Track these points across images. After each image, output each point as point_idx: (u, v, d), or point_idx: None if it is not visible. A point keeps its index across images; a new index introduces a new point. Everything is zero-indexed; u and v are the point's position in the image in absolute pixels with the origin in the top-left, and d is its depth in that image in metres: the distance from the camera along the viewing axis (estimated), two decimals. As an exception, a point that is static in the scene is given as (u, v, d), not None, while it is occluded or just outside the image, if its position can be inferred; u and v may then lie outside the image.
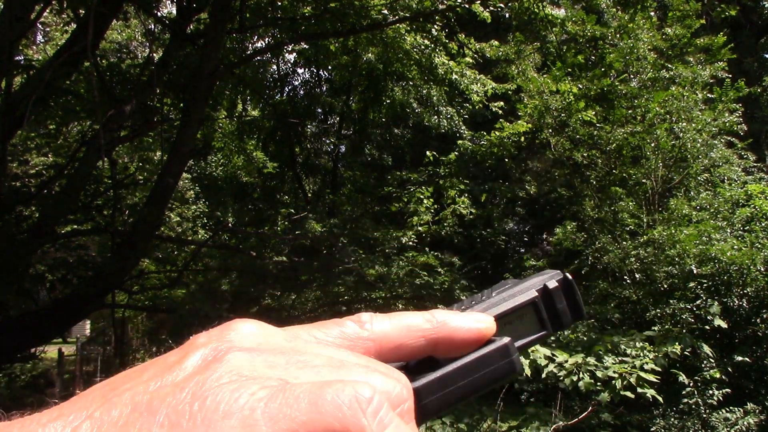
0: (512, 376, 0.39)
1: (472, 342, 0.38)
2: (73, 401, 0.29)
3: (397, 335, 0.37)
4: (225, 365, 0.28)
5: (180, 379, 0.28)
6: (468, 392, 0.37)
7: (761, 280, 7.54)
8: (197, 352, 0.30)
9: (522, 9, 9.01)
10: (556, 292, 0.46)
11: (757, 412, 6.56)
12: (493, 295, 0.46)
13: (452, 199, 11.25)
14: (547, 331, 0.46)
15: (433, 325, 0.37)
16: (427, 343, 0.37)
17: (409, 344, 0.37)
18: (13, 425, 0.28)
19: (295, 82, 15.91)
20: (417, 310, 0.39)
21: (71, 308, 7.15)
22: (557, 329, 0.46)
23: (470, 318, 0.39)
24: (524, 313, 0.45)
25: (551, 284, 0.46)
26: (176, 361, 0.30)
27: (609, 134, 9.75)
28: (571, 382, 5.48)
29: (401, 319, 0.38)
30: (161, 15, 10.64)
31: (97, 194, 8.45)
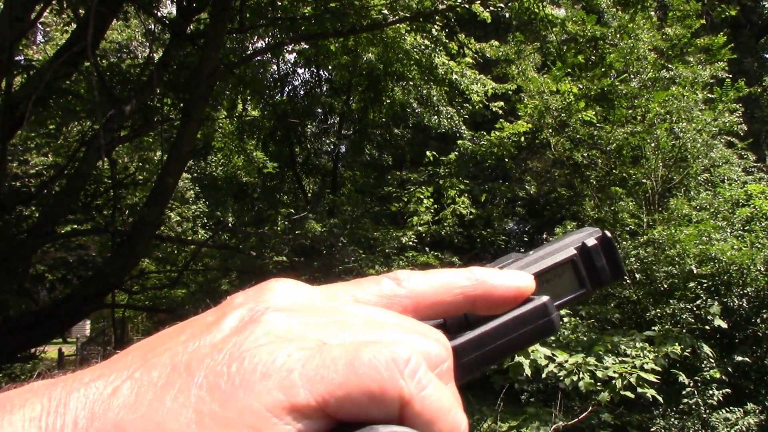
0: (551, 334, 0.39)
1: (511, 300, 0.38)
2: (113, 360, 0.30)
3: (435, 292, 0.36)
4: (262, 326, 0.28)
5: (218, 339, 0.28)
6: (506, 351, 0.37)
7: (761, 280, 7.54)
8: (234, 312, 0.30)
9: (522, 9, 9.01)
10: (594, 250, 0.46)
11: (757, 412, 6.56)
12: (531, 253, 0.45)
13: (452, 199, 11.25)
14: (586, 289, 0.45)
15: (472, 282, 0.37)
16: (466, 300, 0.37)
17: (447, 301, 0.36)
18: (57, 383, 0.28)
19: (295, 82, 15.92)
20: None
21: (71, 308, 7.15)
22: (596, 287, 0.46)
23: (510, 275, 0.38)
24: (563, 271, 0.45)
25: (590, 242, 0.46)
26: (213, 321, 0.30)
27: (609, 134, 9.75)
28: (571, 382, 5.48)
29: (439, 276, 0.37)
30: (161, 15, 10.64)
31: (97, 194, 8.45)
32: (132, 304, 11.94)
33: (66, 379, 0.28)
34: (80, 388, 0.27)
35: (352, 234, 10.70)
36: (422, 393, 0.27)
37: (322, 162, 15.77)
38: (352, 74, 12.57)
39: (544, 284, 0.43)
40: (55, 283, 7.89)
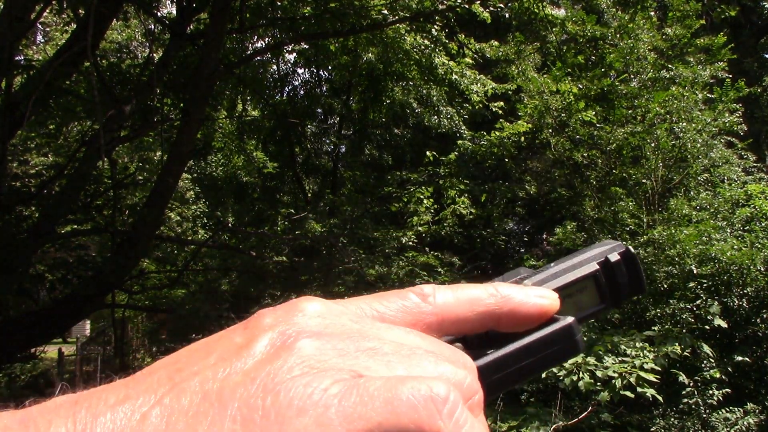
0: (575, 356, 0.39)
1: (535, 318, 0.37)
2: (138, 380, 0.28)
3: (460, 309, 0.36)
4: (295, 355, 0.28)
5: (249, 367, 0.28)
6: (529, 372, 0.37)
7: (761, 280, 7.55)
8: (264, 336, 0.29)
9: (522, 9, 9.01)
10: (617, 266, 0.45)
11: (757, 412, 6.56)
12: (552, 265, 0.45)
13: (452, 199, 11.26)
14: (606, 305, 0.45)
15: (497, 300, 0.37)
16: (490, 318, 0.37)
17: (472, 319, 0.36)
18: (81, 403, 0.27)
19: (295, 82, 15.91)
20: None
21: (71, 308, 7.15)
22: (616, 303, 0.46)
23: (535, 293, 0.38)
24: (585, 286, 0.45)
25: (613, 257, 0.45)
26: (243, 344, 0.29)
27: (609, 134, 9.76)
28: (570, 382, 5.48)
29: (465, 292, 0.37)
30: (161, 15, 10.64)
31: (97, 194, 8.45)
32: (132, 304, 11.94)
33: (89, 397, 0.27)
34: (107, 412, 0.26)
35: (352, 234, 10.71)
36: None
37: (322, 162, 15.77)
38: (352, 74, 12.57)
39: (566, 299, 0.43)
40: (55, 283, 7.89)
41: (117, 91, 8.04)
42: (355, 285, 10.11)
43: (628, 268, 0.46)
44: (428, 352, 0.30)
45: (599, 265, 0.45)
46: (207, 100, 7.64)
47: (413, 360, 0.29)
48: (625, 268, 0.46)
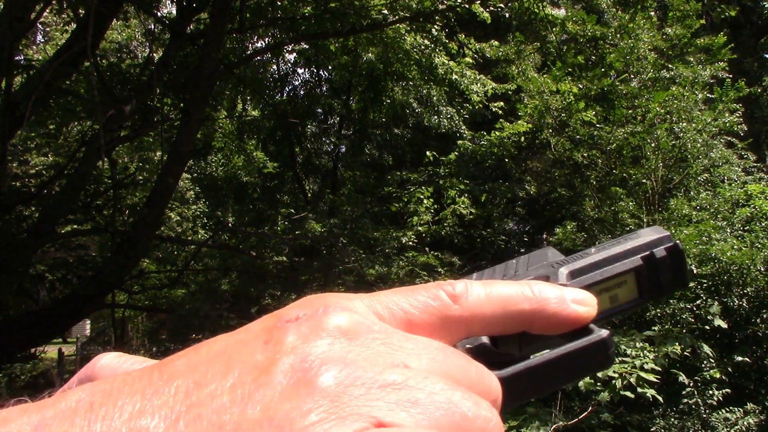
0: (605, 369, 0.38)
1: (570, 325, 0.36)
2: (156, 389, 0.27)
3: (492, 312, 0.34)
4: (315, 394, 0.26)
5: (267, 401, 0.26)
6: (557, 383, 0.36)
7: (761, 280, 7.54)
8: (285, 360, 0.27)
9: (522, 9, 9.01)
10: (662, 262, 0.43)
11: (757, 412, 6.56)
12: (592, 251, 0.43)
13: (452, 199, 11.26)
14: (644, 300, 0.43)
15: (532, 304, 0.35)
16: (523, 322, 0.35)
17: (503, 321, 0.35)
18: (96, 411, 0.26)
19: (295, 82, 15.91)
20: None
21: (71, 308, 7.15)
22: (654, 297, 0.43)
23: (573, 297, 0.36)
24: (625, 280, 0.42)
25: (659, 252, 0.43)
26: (263, 368, 0.28)
27: (609, 134, 9.76)
28: (571, 382, 5.48)
29: (499, 292, 0.35)
30: (161, 15, 10.64)
31: (97, 194, 8.45)
32: (132, 304, 11.95)
33: (105, 403, 0.26)
34: (122, 429, 0.25)
35: (352, 234, 10.71)
36: None
37: (322, 162, 15.77)
38: (352, 74, 12.57)
39: (602, 293, 0.41)
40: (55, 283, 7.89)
41: (117, 91, 8.04)
42: (355, 285, 10.11)
43: (673, 265, 0.43)
44: (454, 384, 0.29)
45: (643, 260, 0.43)
46: (207, 100, 7.64)
47: (436, 398, 0.28)
48: (671, 264, 0.43)
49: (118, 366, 0.37)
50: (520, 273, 0.43)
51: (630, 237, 0.44)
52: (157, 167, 10.26)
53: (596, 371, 0.36)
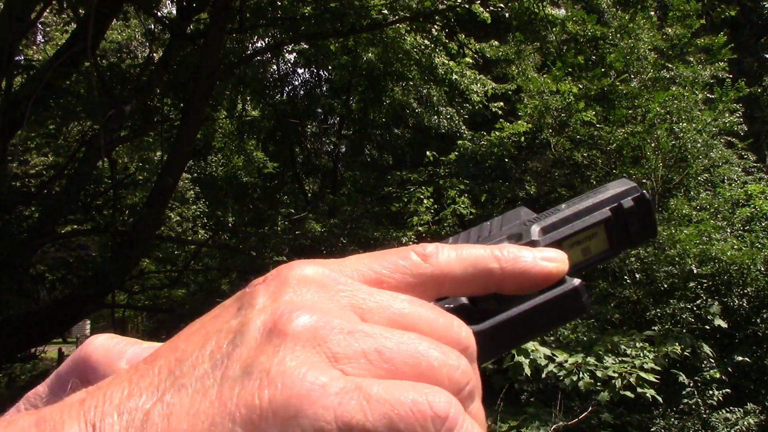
0: (581, 316, 0.38)
1: (541, 283, 0.36)
2: (141, 372, 0.28)
3: (462, 272, 0.35)
4: (288, 341, 0.27)
5: (245, 358, 0.27)
6: (533, 334, 0.36)
7: (761, 280, 7.55)
8: (257, 319, 0.28)
9: (522, 9, 9.02)
10: (630, 212, 0.44)
11: (757, 412, 6.56)
12: (563, 207, 0.44)
13: (452, 199, 11.25)
14: (615, 251, 0.44)
15: (502, 264, 0.35)
16: (494, 282, 0.35)
17: (473, 281, 0.35)
18: (89, 402, 0.27)
19: (295, 82, 15.91)
20: None
21: (71, 308, 7.15)
22: (624, 248, 0.44)
23: (543, 256, 0.36)
24: (595, 232, 0.43)
25: (626, 203, 0.44)
26: (237, 329, 0.28)
27: (609, 134, 9.76)
28: (570, 382, 5.48)
29: (469, 253, 0.35)
30: (161, 15, 10.64)
31: (97, 194, 8.45)
32: (132, 304, 11.95)
33: (96, 395, 0.27)
34: (113, 413, 0.27)
35: (352, 234, 10.71)
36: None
37: (322, 162, 15.77)
38: (352, 74, 12.57)
39: (573, 246, 0.42)
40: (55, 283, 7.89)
41: (117, 91, 8.04)
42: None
43: (640, 214, 0.44)
44: (421, 338, 0.29)
45: (611, 211, 0.43)
46: (207, 100, 7.64)
47: (405, 344, 0.29)
48: (638, 214, 0.44)
49: (112, 347, 0.37)
50: (494, 233, 0.44)
51: (599, 191, 0.45)
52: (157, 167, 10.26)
53: (572, 319, 0.37)
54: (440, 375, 0.28)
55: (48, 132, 9.38)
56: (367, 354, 0.28)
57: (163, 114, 8.48)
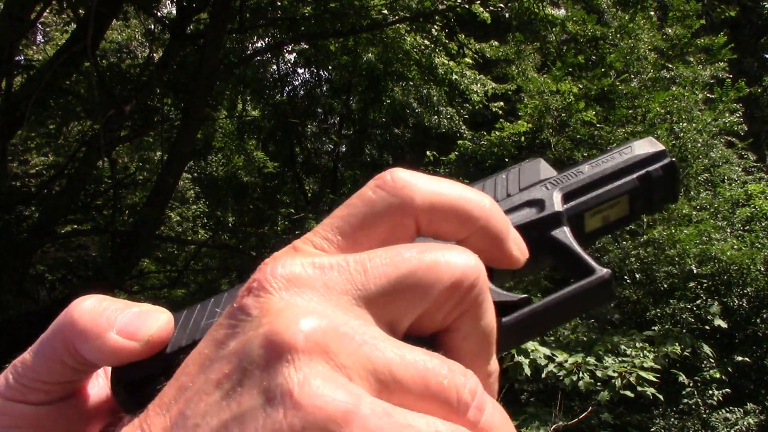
0: (605, 305, 0.38)
1: (500, 263, 0.33)
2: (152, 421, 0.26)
3: (440, 207, 0.31)
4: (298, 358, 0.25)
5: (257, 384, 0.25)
6: (559, 323, 0.35)
7: (761, 280, 7.55)
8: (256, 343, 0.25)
9: (522, 9, 9.02)
10: (658, 181, 0.41)
11: (757, 412, 6.56)
12: (585, 168, 0.41)
13: (452, 199, 11.24)
14: (633, 218, 0.42)
15: (481, 214, 0.32)
16: (467, 229, 0.32)
17: (455, 221, 0.31)
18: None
19: (295, 82, 15.90)
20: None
21: (71, 308, 7.13)
22: (644, 214, 0.42)
23: (515, 239, 0.33)
24: (619, 201, 0.41)
25: (655, 172, 0.41)
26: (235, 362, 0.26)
27: (609, 134, 9.76)
28: (570, 382, 5.48)
29: (449, 185, 0.31)
30: (161, 15, 10.64)
31: (97, 194, 8.46)
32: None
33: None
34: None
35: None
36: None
37: (322, 162, 15.77)
38: (352, 74, 12.57)
39: (594, 215, 0.40)
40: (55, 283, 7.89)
41: (117, 91, 8.04)
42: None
43: (667, 182, 0.42)
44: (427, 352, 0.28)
45: (639, 180, 0.41)
46: (207, 100, 7.64)
47: (414, 364, 0.26)
48: (665, 181, 0.41)
49: (100, 313, 0.34)
50: (512, 193, 0.41)
51: (623, 151, 0.42)
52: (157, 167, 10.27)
53: (596, 308, 0.37)
54: (449, 395, 0.26)
55: (48, 132, 9.38)
56: (377, 371, 0.25)
57: (163, 114, 8.48)
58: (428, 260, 0.28)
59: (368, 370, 0.25)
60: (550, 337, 6.98)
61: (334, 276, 0.28)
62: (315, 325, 0.25)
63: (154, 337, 0.34)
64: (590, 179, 0.40)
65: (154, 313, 0.36)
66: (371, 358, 0.25)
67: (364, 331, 0.26)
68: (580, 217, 0.40)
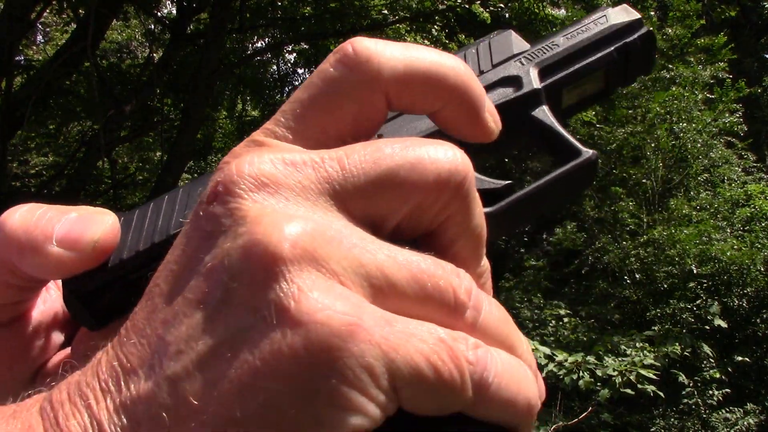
0: (588, 187, 0.36)
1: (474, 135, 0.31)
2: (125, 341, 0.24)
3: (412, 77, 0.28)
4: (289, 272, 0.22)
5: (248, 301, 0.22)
6: (546, 207, 0.34)
7: (761, 280, 7.55)
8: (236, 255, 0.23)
9: (522, 9, 9.02)
10: (635, 52, 0.39)
11: (757, 412, 6.56)
12: (559, 38, 0.39)
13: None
14: (607, 92, 0.40)
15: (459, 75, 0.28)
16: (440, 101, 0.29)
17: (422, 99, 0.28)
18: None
19: (295, 82, 15.90)
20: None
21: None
22: (619, 86, 0.40)
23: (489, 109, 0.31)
24: (595, 73, 0.39)
25: (632, 43, 0.39)
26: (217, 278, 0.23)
27: (609, 134, 9.76)
28: (570, 381, 5.48)
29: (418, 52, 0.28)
30: (161, 15, 10.65)
31: (97, 194, 8.46)
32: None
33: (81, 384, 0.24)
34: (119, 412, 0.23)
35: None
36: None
37: (322, 162, 15.78)
38: (352, 74, 12.57)
39: (571, 90, 0.38)
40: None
41: (117, 91, 8.04)
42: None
43: (644, 53, 0.40)
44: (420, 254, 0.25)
45: (616, 52, 0.39)
46: (207, 100, 7.64)
47: (408, 266, 0.24)
48: (642, 52, 0.39)
49: (34, 225, 0.30)
50: (484, 69, 0.38)
51: (598, 20, 0.40)
52: (157, 167, 10.26)
53: (581, 191, 0.37)
54: (446, 296, 0.24)
55: (48, 132, 9.38)
56: (370, 275, 0.23)
57: (163, 114, 8.48)
58: (412, 157, 0.25)
59: (361, 275, 0.23)
60: (550, 337, 6.98)
61: (309, 173, 0.25)
62: (299, 229, 0.22)
63: (100, 243, 0.30)
64: (567, 52, 0.38)
65: (96, 216, 0.31)
66: (363, 262, 0.23)
67: (351, 233, 0.24)
68: (558, 94, 0.38)
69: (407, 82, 0.28)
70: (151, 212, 0.34)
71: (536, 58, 0.38)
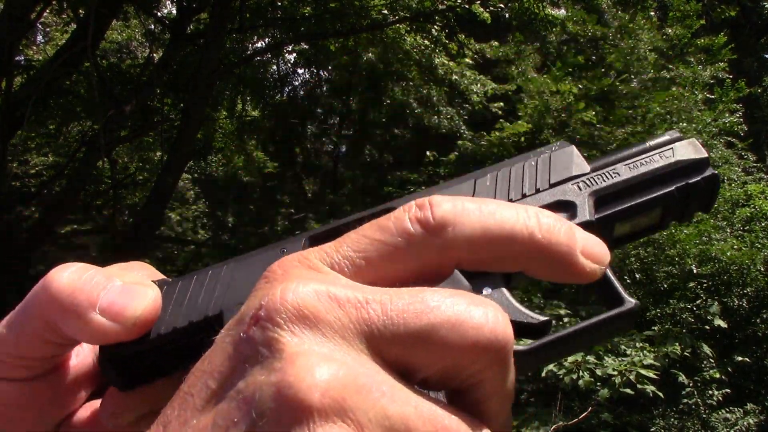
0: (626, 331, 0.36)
1: (573, 279, 0.30)
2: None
3: (485, 247, 0.28)
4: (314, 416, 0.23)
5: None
6: (578, 350, 0.33)
7: (761, 280, 7.55)
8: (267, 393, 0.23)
9: (522, 9, 9.02)
10: (697, 193, 0.37)
11: (757, 412, 6.56)
12: (617, 166, 0.37)
13: (452, 199, 11.23)
14: (661, 227, 0.39)
15: (537, 242, 0.28)
16: (517, 261, 0.29)
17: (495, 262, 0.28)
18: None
19: (295, 82, 15.91)
20: None
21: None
22: (672, 222, 0.39)
23: (585, 249, 0.30)
24: (653, 209, 0.37)
25: (696, 184, 0.37)
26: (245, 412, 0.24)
27: (609, 134, 9.76)
28: (570, 380, 5.48)
29: (494, 219, 0.28)
30: (161, 15, 10.65)
31: (97, 194, 8.46)
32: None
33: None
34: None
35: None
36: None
37: (322, 162, 15.77)
38: (352, 74, 12.57)
39: (624, 223, 0.37)
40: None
41: (117, 91, 8.04)
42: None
43: (706, 194, 0.38)
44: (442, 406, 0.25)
45: (678, 191, 0.37)
46: (207, 100, 7.64)
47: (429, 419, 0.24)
48: (704, 194, 0.38)
49: (80, 288, 0.31)
50: (540, 187, 0.37)
51: (664, 153, 0.38)
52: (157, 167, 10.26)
53: (616, 336, 0.36)
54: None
55: (48, 132, 9.38)
56: (393, 427, 0.23)
57: (163, 114, 8.48)
58: (454, 316, 0.25)
59: (385, 428, 0.23)
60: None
61: (351, 312, 0.25)
62: (331, 376, 0.23)
63: (141, 319, 0.31)
64: (626, 184, 0.37)
65: (140, 289, 0.32)
66: (389, 413, 0.23)
67: (381, 380, 0.24)
68: (610, 226, 0.37)
69: (482, 250, 0.28)
70: (193, 288, 0.34)
71: (594, 185, 0.37)
